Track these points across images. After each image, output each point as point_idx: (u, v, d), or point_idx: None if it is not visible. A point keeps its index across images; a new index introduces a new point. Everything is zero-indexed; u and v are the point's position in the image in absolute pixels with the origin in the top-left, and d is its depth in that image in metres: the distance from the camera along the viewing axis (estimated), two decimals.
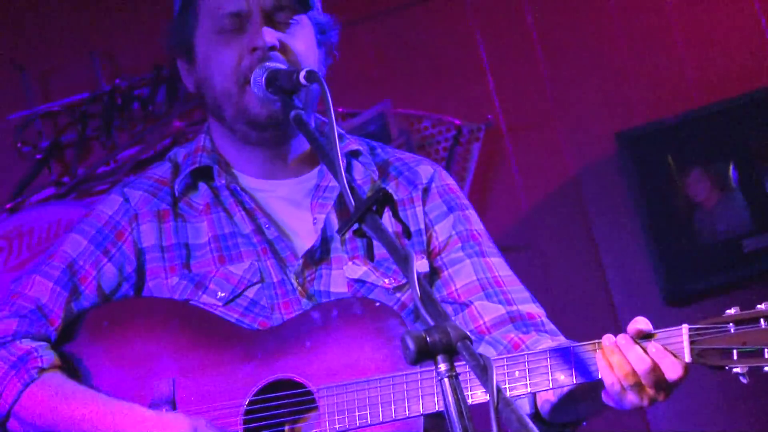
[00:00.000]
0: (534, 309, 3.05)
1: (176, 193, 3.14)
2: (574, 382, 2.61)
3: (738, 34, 4.86)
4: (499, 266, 3.10)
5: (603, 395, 2.62)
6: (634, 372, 2.53)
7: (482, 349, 2.92)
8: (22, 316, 3.03)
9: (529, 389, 2.63)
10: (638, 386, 2.55)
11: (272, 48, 2.98)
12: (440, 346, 2.17)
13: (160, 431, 2.85)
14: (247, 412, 2.86)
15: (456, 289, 3.06)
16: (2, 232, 4.82)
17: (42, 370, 2.94)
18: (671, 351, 2.54)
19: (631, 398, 2.57)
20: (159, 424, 2.85)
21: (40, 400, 2.93)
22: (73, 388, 2.96)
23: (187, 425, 2.82)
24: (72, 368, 3.00)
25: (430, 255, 3.09)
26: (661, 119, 4.82)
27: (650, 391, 2.56)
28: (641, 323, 2.58)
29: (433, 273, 3.08)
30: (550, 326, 3.02)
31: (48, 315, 3.05)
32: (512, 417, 2.10)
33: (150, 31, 3.61)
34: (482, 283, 3.06)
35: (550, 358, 2.63)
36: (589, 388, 2.66)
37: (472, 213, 3.17)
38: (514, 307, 3.02)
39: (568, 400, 2.75)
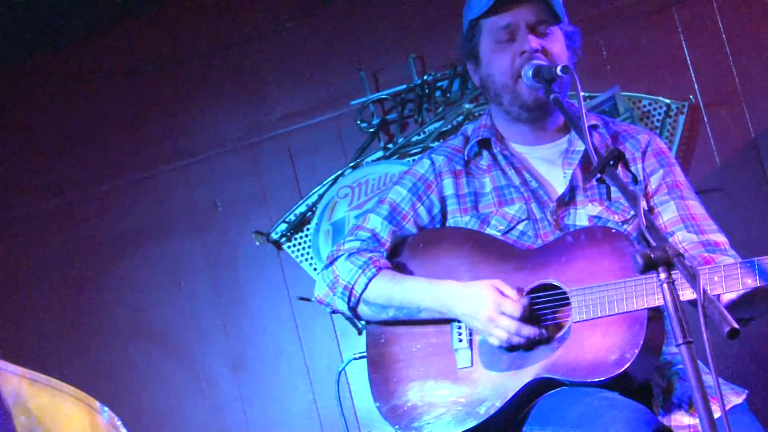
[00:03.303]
0: (720, 238, 2.99)
1: (466, 158, 3.20)
2: (758, 284, 2.56)
3: None
4: (695, 207, 3.05)
5: None
6: None
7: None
8: (362, 240, 3.14)
9: (724, 290, 2.59)
10: None
11: (536, 51, 3.00)
12: (661, 260, 2.19)
13: (466, 284, 2.93)
14: None
15: (663, 222, 3.02)
16: (349, 183, 4.90)
17: (380, 269, 3.05)
18: None
19: None
20: (467, 285, 2.93)
21: (380, 286, 3.03)
22: (403, 276, 3.06)
23: (487, 282, 2.89)
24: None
25: (646, 197, 3.06)
26: None
27: None
28: None
29: (648, 211, 3.04)
30: (732, 252, 2.96)
31: (379, 240, 3.14)
32: (714, 311, 2.10)
33: (448, 41, 3.65)
34: (682, 218, 3.01)
35: (740, 267, 2.58)
36: (764, 291, 2.61)
37: (676, 168, 3.13)
38: (705, 236, 2.97)
39: (747, 300, 2.69)
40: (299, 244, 5.02)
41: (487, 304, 2.84)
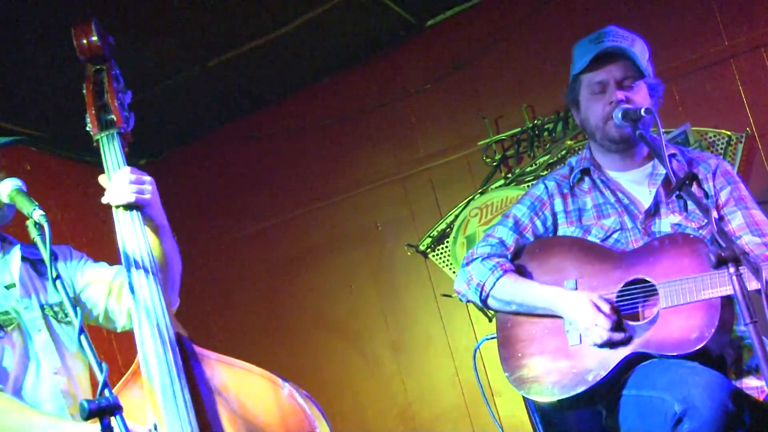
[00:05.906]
0: None
1: (572, 183, 3.19)
2: None
3: None
4: (757, 215, 2.97)
5: None
6: None
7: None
8: (492, 245, 3.16)
9: None
10: None
11: (621, 101, 3.00)
12: (730, 258, 2.18)
13: (571, 295, 2.92)
14: (618, 296, 2.87)
15: (732, 228, 2.95)
16: (478, 205, 4.92)
17: (506, 272, 3.07)
18: None
19: None
20: (571, 293, 2.92)
21: (505, 286, 3.04)
22: (523, 279, 3.07)
23: (586, 295, 2.88)
24: (520, 273, 3.09)
25: (717, 209, 2.99)
26: None
27: None
28: None
29: (719, 219, 2.99)
30: None
31: (505, 245, 3.15)
32: None
33: (552, 93, 3.67)
34: (748, 224, 2.94)
35: None
36: None
37: (741, 184, 3.05)
38: (767, 239, 2.91)
39: None
40: (441, 253, 5.06)
41: (585, 316, 2.83)
